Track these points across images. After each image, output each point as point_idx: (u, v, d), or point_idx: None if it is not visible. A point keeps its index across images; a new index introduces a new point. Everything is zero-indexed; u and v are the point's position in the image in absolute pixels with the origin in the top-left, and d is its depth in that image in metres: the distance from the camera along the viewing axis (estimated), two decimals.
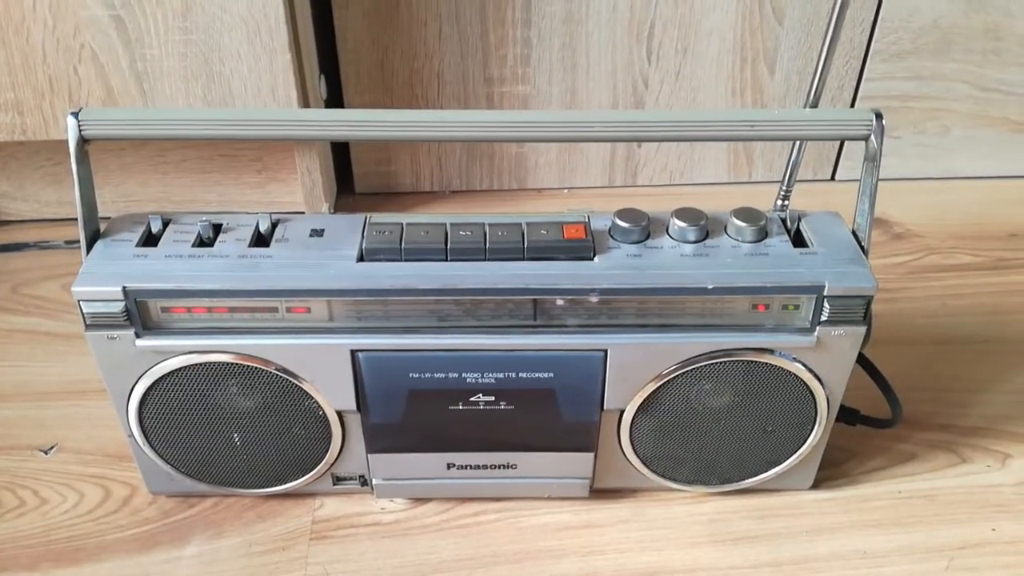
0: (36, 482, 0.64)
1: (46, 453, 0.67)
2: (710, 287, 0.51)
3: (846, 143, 0.98)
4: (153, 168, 0.89)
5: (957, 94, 0.95)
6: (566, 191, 0.99)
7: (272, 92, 0.78)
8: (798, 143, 0.60)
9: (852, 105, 0.95)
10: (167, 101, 0.78)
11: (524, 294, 0.52)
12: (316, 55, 0.87)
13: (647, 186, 0.99)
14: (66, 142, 0.51)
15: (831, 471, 0.65)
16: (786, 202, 0.60)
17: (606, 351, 0.54)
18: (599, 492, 0.63)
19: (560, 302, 0.52)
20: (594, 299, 0.52)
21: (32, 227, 0.92)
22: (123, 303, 0.51)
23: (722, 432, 0.58)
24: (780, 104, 0.93)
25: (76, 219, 0.53)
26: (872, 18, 0.90)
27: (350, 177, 0.97)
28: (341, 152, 0.96)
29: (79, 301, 0.51)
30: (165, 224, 0.55)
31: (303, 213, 0.88)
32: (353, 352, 0.54)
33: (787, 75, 0.92)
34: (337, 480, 0.61)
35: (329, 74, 0.90)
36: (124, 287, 0.51)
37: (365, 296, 0.52)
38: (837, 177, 1.00)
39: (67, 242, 0.89)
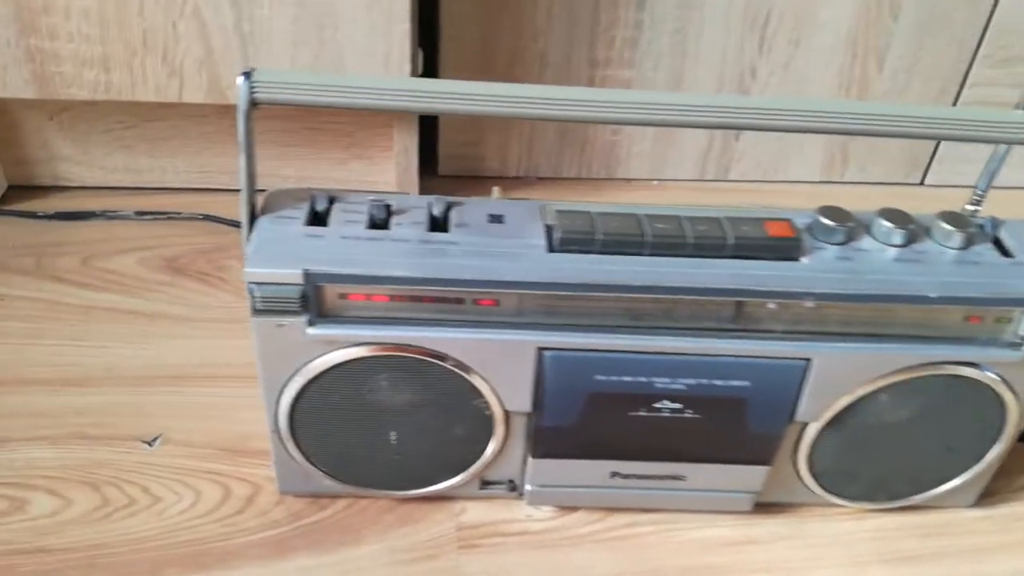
0: (143, 477, 0.59)
1: (150, 445, 0.61)
2: (933, 296, 0.48)
3: (940, 146, 0.96)
4: (234, 137, 0.82)
5: None
6: (655, 183, 0.95)
7: (385, 63, 0.73)
8: (1003, 147, 0.57)
9: None
10: (271, 66, 0.72)
11: (731, 295, 0.48)
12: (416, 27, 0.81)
13: (738, 181, 0.95)
14: (146, 104, 0.45)
15: (985, 488, 0.62)
16: (979, 208, 0.57)
17: (809, 359, 0.50)
18: (756, 506, 0.59)
19: (771, 306, 0.49)
20: (809, 304, 0.49)
21: (96, 194, 0.84)
22: (301, 287, 0.46)
23: (904, 448, 0.55)
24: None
25: (144, 189, 0.48)
26: (984, 21, 0.88)
27: (433, 159, 0.92)
28: (425, 131, 0.91)
29: (250, 284, 0.46)
30: (331, 202, 0.50)
31: (402, 194, 0.82)
32: (540, 349, 0.49)
33: (894, 73, 0.90)
34: (484, 484, 0.57)
35: (425, 50, 0.85)
36: (306, 270, 0.46)
37: (561, 290, 0.48)
38: (927, 182, 0.98)
39: (137, 212, 0.82)
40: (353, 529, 0.56)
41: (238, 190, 0.48)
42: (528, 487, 0.57)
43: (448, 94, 0.46)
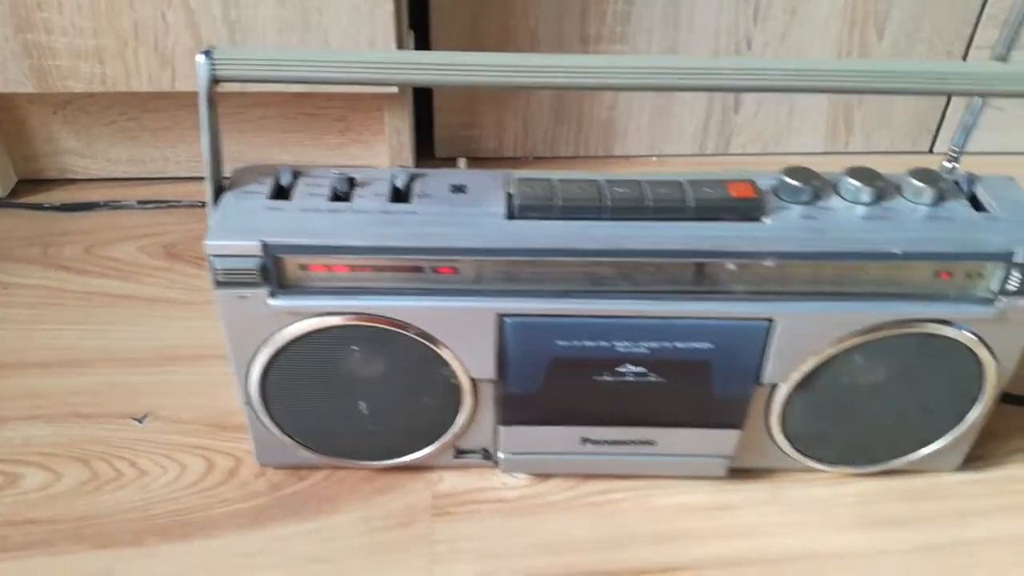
0: (132, 452, 0.60)
1: (140, 422, 0.63)
2: (899, 252, 0.48)
3: (948, 112, 0.93)
4: (231, 125, 0.84)
5: None
6: (655, 158, 0.94)
7: (371, 46, 0.74)
8: (979, 102, 0.56)
9: None
10: None
11: (691, 257, 0.48)
12: (407, 8, 0.82)
13: (740, 155, 0.94)
14: (142, 95, 0.47)
15: (973, 451, 0.61)
16: (956, 164, 0.56)
17: (772, 320, 0.50)
18: (733, 472, 0.59)
19: (731, 266, 0.49)
20: (770, 263, 0.48)
21: (101, 186, 0.87)
22: (260, 259, 0.47)
23: (879, 409, 0.54)
24: None
25: (147, 179, 0.49)
26: None
27: (429, 141, 0.93)
28: (421, 114, 0.92)
29: (211, 256, 0.47)
30: (295, 176, 0.51)
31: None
32: (500, 316, 0.50)
33: (895, 40, 0.88)
34: (459, 453, 0.58)
35: (417, 31, 0.86)
36: (263, 241, 0.47)
37: (519, 256, 0.48)
38: (935, 150, 0.96)
39: (140, 202, 0.84)
40: (331, 498, 0.57)
41: None
42: (501, 455, 0.57)
43: (409, 65, 0.47)
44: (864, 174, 0.51)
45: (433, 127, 0.91)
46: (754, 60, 0.73)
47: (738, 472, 0.59)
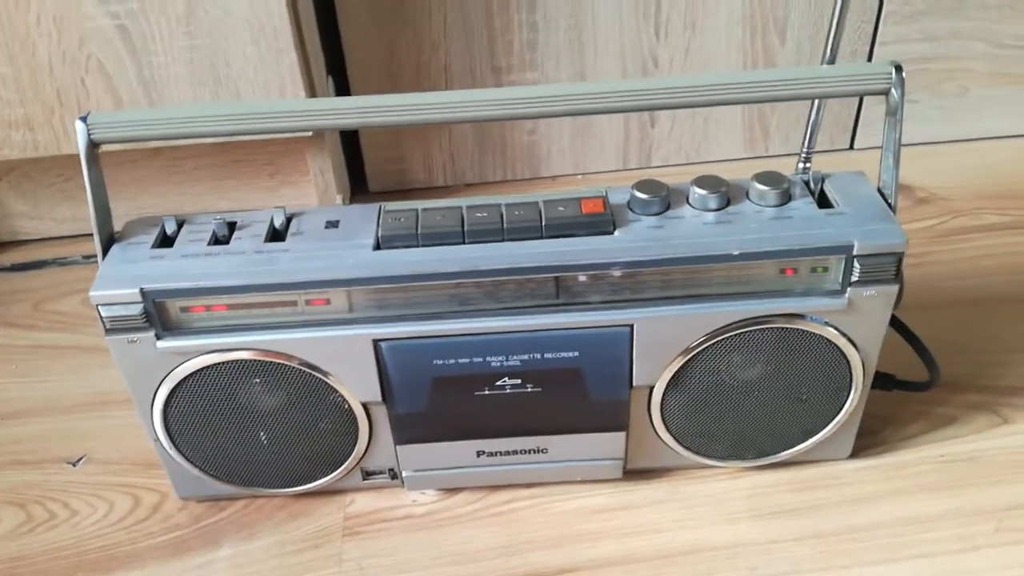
0: (65, 494, 0.64)
1: (74, 465, 0.66)
2: (736, 253, 0.50)
3: (863, 110, 0.96)
4: (166, 178, 0.89)
5: (974, 53, 0.94)
6: (580, 177, 0.97)
7: (280, 94, 0.78)
8: (817, 103, 0.59)
9: None
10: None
11: (545, 272, 0.51)
12: (323, 56, 0.86)
13: (663, 167, 0.97)
14: (78, 157, 0.51)
15: (869, 439, 0.63)
16: (808, 164, 0.59)
17: (632, 326, 0.53)
18: (633, 473, 0.61)
19: (582, 278, 0.51)
20: (617, 273, 0.51)
21: (50, 245, 0.92)
22: (141, 305, 0.51)
23: (755, 404, 0.57)
24: None
25: (92, 234, 0.53)
26: None
27: (363, 177, 0.96)
28: (353, 152, 0.96)
29: (97, 306, 0.51)
30: (180, 225, 0.55)
31: None
32: (375, 342, 0.53)
33: (798, 42, 0.91)
34: (367, 475, 0.61)
35: (336, 75, 0.90)
36: (141, 288, 0.50)
37: (383, 284, 0.51)
38: (856, 146, 0.99)
39: (84, 257, 0.89)
40: (247, 526, 0.61)
41: None
42: (404, 473, 0.60)
43: (284, 113, 0.51)
44: (709, 181, 0.53)
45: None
46: (653, 80, 0.76)
47: (637, 473, 0.62)
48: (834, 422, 0.58)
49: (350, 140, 0.95)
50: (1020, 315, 0.75)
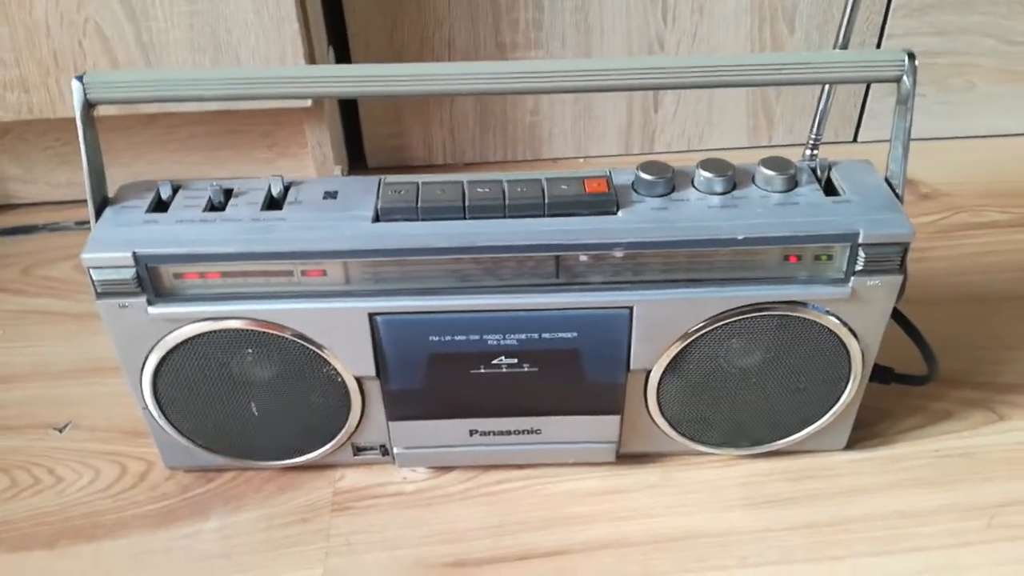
0: (51, 460, 0.63)
1: (60, 431, 0.66)
2: (740, 238, 0.50)
3: (869, 102, 0.95)
4: (162, 146, 0.87)
5: (982, 48, 0.93)
6: (582, 160, 0.97)
7: (281, 63, 0.77)
8: (827, 89, 0.58)
9: None
10: None
11: (546, 251, 0.50)
12: (324, 26, 0.85)
13: (665, 153, 0.96)
14: (74, 120, 0.50)
15: (864, 431, 0.63)
16: (815, 152, 0.58)
17: (631, 308, 0.52)
18: (626, 457, 0.61)
19: (583, 258, 0.51)
20: (619, 254, 0.50)
21: (42, 209, 0.90)
22: (134, 269, 0.50)
23: (752, 391, 0.56)
24: None
25: (86, 200, 0.52)
26: None
27: (362, 152, 0.95)
28: (352, 126, 0.95)
29: (89, 269, 0.50)
30: (175, 190, 0.54)
31: None
32: (371, 315, 0.52)
33: (807, 32, 0.90)
34: (357, 450, 0.60)
35: (338, 47, 0.89)
36: (134, 252, 0.49)
37: (381, 257, 0.50)
38: (859, 139, 0.98)
39: (77, 223, 0.88)
40: (235, 498, 0.60)
41: None
42: (396, 450, 0.59)
43: (283, 79, 0.50)
44: (716, 165, 0.53)
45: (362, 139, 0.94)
46: (661, 59, 0.75)
47: (630, 457, 0.61)
48: (831, 413, 0.58)
49: (349, 114, 0.94)
50: (1020, 313, 0.74)
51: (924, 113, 0.96)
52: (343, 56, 0.88)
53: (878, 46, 0.92)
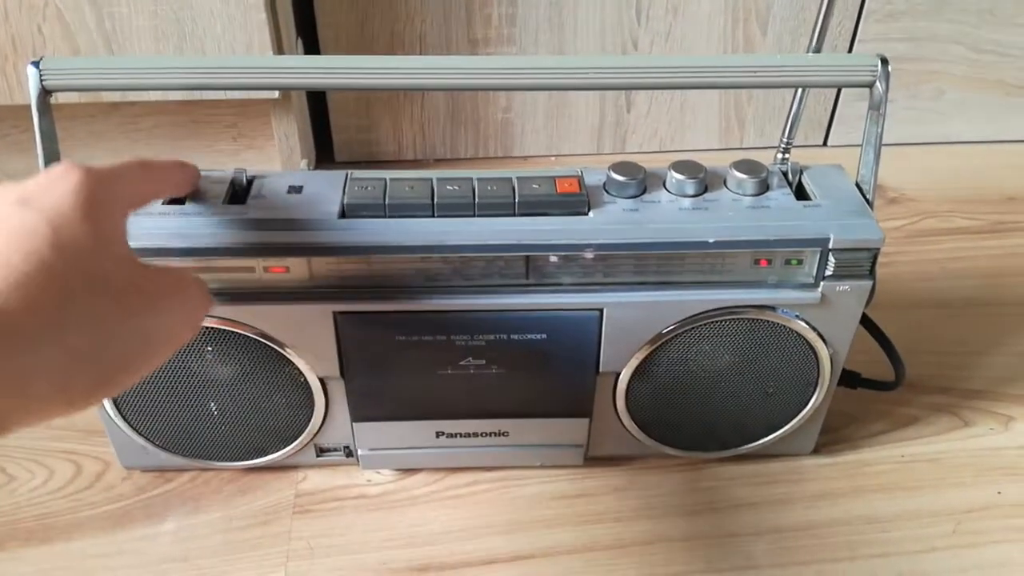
0: (3, 459, 0.61)
1: None
2: (711, 241, 0.49)
3: (839, 106, 0.96)
4: (124, 135, 0.85)
5: (952, 56, 0.93)
6: (553, 158, 0.96)
7: (247, 52, 0.75)
8: (799, 92, 0.57)
9: None
10: None
11: (515, 251, 0.49)
12: (293, 16, 0.83)
13: (637, 153, 0.96)
14: (29, 106, 0.48)
15: (831, 436, 0.63)
16: (786, 155, 0.58)
17: (602, 310, 0.51)
18: (594, 460, 0.60)
19: (553, 259, 0.50)
20: (589, 255, 0.50)
21: None
22: None
23: (721, 395, 0.56)
24: None
25: None
26: None
27: (330, 145, 0.94)
28: (320, 119, 0.93)
29: None
30: None
31: None
32: (335, 314, 0.51)
33: (779, 35, 0.90)
34: (321, 452, 0.59)
35: (307, 39, 0.87)
36: None
37: (347, 254, 0.49)
38: (829, 143, 0.99)
39: None
40: (193, 499, 0.58)
41: None
42: (360, 451, 0.58)
43: (248, 69, 0.48)
44: (688, 167, 0.52)
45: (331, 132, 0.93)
46: (634, 59, 0.74)
47: (598, 460, 0.61)
48: (799, 417, 0.58)
49: (318, 106, 0.92)
50: (985, 319, 0.75)
51: (893, 119, 0.96)
52: (312, 48, 0.87)
53: (850, 51, 0.92)
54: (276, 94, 0.79)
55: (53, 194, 0.35)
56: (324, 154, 0.94)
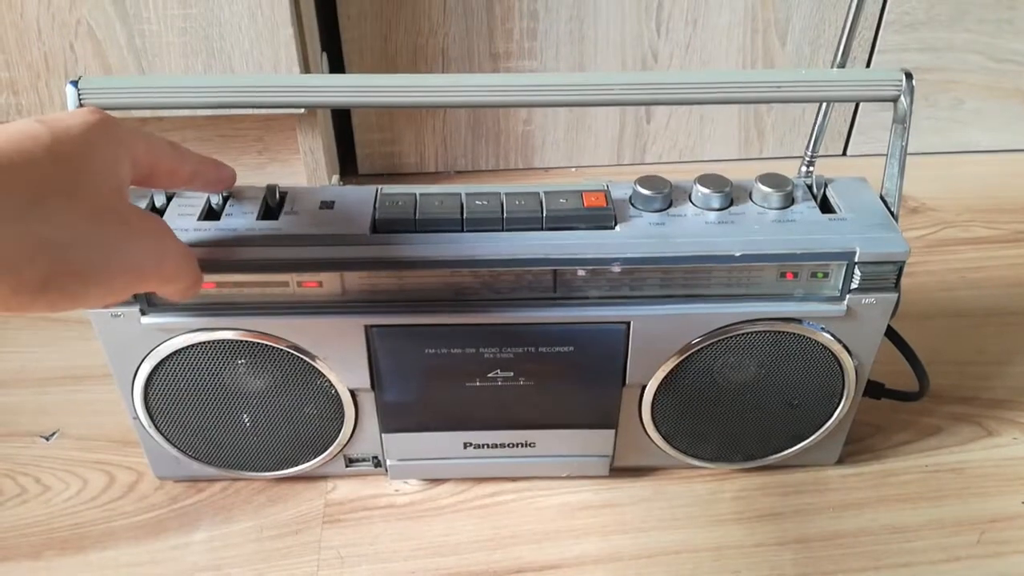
0: (38, 469, 0.62)
1: (47, 439, 0.65)
2: (738, 254, 0.50)
3: (858, 116, 0.96)
4: None
5: (970, 65, 0.94)
6: (573, 170, 0.97)
7: (274, 68, 0.76)
8: (824, 106, 0.58)
9: None
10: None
11: (544, 265, 0.50)
12: (318, 32, 0.84)
13: (656, 164, 0.97)
14: None
15: (856, 446, 0.63)
16: (811, 168, 0.58)
17: (628, 323, 0.52)
18: (619, 471, 0.61)
19: (581, 273, 0.51)
20: (616, 269, 0.50)
21: None
22: None
23: (746, 407, 0.56)
24: None
25: None
26: None
27: (354, 158, 0.95)
28: (344, 133, 0.94)
29: None
30: (169, 198, 0.53)
31: None
32: (367, 327, 0.52)
33: (798, 46, 0.91)
34: (350, 462, 0.60)
35: (331, 53, 0.88)
36: None
37: (379, 269, 0.50)
38: (849, 152, 0.99)
39: None
40: (225, 509, 0.59)
41: None
42: (389, 462, 0.59)
43: (277, 88, 0.50)
44: (713, 180, 0.53)
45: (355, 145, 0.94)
46: (659, 74, 0.75)
47: (623, 471, 0.61)
48: (823, 428, 0.58)
49: (342, 120, 0.93)
50: (1006, 328, 0.75)
51: (912, 128, 0.96)
52: (336, 62, 0.88)
53: (869, 61, 0.92)
54: (302, 110, 0.80)
55: (67, 119, 0.38)
56: (347, 167, 0.96)
